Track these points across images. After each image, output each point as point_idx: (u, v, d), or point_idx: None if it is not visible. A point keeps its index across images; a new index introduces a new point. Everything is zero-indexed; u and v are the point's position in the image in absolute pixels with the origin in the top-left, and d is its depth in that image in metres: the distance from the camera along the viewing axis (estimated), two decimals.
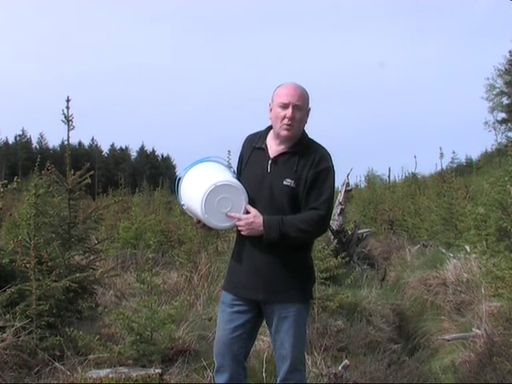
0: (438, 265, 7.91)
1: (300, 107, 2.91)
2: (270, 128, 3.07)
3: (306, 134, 3.04)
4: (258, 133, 3.13)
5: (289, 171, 2.92)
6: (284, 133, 2.93)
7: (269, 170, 2.96)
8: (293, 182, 2.90)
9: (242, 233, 2.91)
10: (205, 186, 2.87)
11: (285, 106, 2.91)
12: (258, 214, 2.87)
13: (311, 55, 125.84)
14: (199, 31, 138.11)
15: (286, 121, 2.91)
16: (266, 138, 3.05)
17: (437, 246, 9.92)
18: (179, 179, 3.08)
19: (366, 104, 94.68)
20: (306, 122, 3.02)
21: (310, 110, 3.01)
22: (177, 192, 3.09)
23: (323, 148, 3.02)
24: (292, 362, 2.96)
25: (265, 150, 3.01)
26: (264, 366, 4.22)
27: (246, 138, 3.17)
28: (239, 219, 2.89)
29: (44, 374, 3.93)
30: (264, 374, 4.16)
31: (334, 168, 2.99)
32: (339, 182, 10.55)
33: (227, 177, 2.96)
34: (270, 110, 3.01)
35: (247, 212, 2.90)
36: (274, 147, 3.00)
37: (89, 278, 4.98)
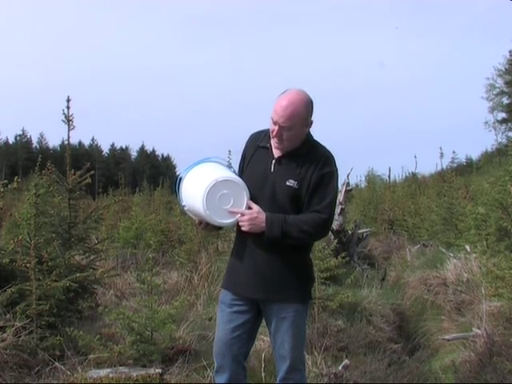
0: (439, 265, 7.91)
1: (288, 128, 2.84)
2: None
3: (311, 136, 3.01)
4: (263, 131, 3.09)
5: (292, 172, 2.91)
6: (275, 144, 2.94)
7: (272, 170, 2.95)
8: (296, 183, 2.88)
9: (244, 228, 2.87)
10: (206, 182, 2.86)
11: (274, 123, 2.88)
12: (261, 210, 2.86)
13: (312, 55, 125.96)
14: (200, 31, 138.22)
15: (274, 136, 2.90)
16: (270, 137, 3.03)
17: (437, 245, 9.93)
18: (180, 180, 3.07)
19: (367, 104, 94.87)
20: (303, 134, 2.94)
21: (312, 122, 2.93)
22: (178, 193, 3.08)
23: (328, 151, 3.00)
24: (291, 361, 2.96)
25: (269, 149, 3.00)
26: (263, 365, 4.21)
27: (250, 136, 3.15)
28: (242, 214, 2.87)
29: (44, 374, 3.93)
30: (263, 374, 4.16)
31: (338, 172, 2.98)
32: (340, 182, 10.55)
33: (228, 173, 2.96)
34: None
35: (249, 208, 2.89)
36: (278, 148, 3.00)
37: (89, 278, 4.98)
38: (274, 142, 2.94)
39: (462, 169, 28.34)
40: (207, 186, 2.84)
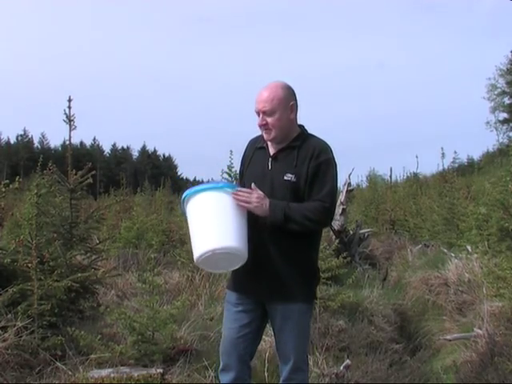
0: (440, 265, 7.91)
1: (269, 112, 2.91)
2: None
3: (305, 130, 3.06)
4: (259, 135, 3.15)
5: (289, 166, 2.93)
6: (265, 136, 2.98)
7: (269, 167, 2.99)
8: (293, 176, 2.91)
9: (250, 206, 2.82)
10: (204, 246, 2.75)
11: (257, 114, 2.96)
12: (265, 196, 2.87)
13: (312, 55, 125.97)
14: (201, 31, 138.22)
15: (260, 126, 2.96)
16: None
17: (438, 245, 9.92)
18: (188, 196, 2.90)
19: (368, 104, 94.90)
20: (291, 119, 2.98)
21: (292, 105, 2.97)
22: (183, 206, 2.95)
23: (322, 140, 3.02)
24: (295, 361, 2.96)
25: (265, 148, 3.04)
26: (266, 365, 4.21)
27: (249, 142, 3.22)
28: (250, 192, 2.84)
29: (45, 374, 3.93)
30: (266, 374, 4.16)
31: (335, 160, 2.99)
32: (341, 181, 10.55)
33: (231, 236, 2.78)
34: None
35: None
36: (273, 145, 3.03)
37: (90, 278, 4.97)
38: (265, 137, 2.98)
39: (463, 169, 28.30)
40: (204, 252, 2.74)
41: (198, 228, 2.85)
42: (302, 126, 3.06)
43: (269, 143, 3.04)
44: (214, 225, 2.82)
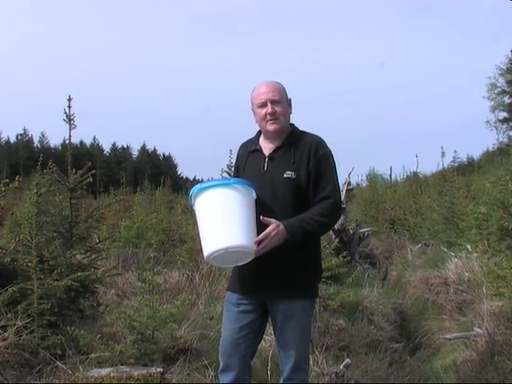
0: (440, 264, 7.92)
1: (277, 100, 2.96)
2: (260, 132, 3.12)
3: (297, 127, 3.08)
4: (250, 139, 3.18)
5: (287, 164, 2.94)
6: (272, 127, 2.97)
7: (266, 168, 2.99)
8: (293, 173, 2.91)
9: (272, 246, 2.79)
10: (216, 244, 2.73)
11: (263, 105, 2.97)
12: (277, 222, 2.81)
13: (313, 55, 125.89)
14: (201, 31, 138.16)
15: (268, 117, 2.96)
16: (258, 141, 3.09)
17: (438, 245, 9.92)
18: (197, 192, 2.87)
19: (368, 103, 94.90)
20: (290, 113, 3.07)
21: (290, 100, 3.07)
22: (191, 200, 2.92)
23: (316, 136, 3.05)
24: (296, 360, 2.94)
25: (260, 150, 3.05)
26: (268, 364, 4.20)
27: (240, 146, 3.22)
28: (267, 235, 2.77)
29: (45, 373, 3.93)
30: (267, 373, 4.15)
31: (332, 152, 3.01)
32: (341, 181, 10.53)
33: (243, 232, 2.76)
34: (254, 113, 3.07)
35: (262, 224, 2.81)
36: (267, 146, 3.04)
37: (90, 277, 4.97)
38: (272, 128, 2.97)
39: (463, 168, 28.27)
40: (216, 249, 2.72)
41: (208, 225, 2.83)
42: (292, 125, 3.08)
43: (262, 145, 3.05)
44: (225, 222, 2.79)
